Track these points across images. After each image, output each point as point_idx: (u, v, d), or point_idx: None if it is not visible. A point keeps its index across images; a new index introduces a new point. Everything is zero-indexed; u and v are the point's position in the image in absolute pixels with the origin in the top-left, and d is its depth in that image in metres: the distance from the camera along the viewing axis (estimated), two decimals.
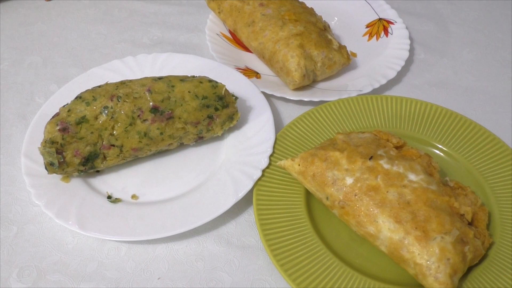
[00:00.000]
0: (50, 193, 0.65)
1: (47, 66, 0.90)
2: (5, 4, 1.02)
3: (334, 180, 0.63)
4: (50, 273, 0.62)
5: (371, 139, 0.68)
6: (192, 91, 0.68)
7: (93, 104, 0.65)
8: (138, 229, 0.62)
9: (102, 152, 0.66)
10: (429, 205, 0.59)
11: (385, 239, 0.59)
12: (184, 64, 0.83)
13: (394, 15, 0.96)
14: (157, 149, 0.69)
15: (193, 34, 0.97)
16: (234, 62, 0.87)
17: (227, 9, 0.91)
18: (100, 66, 0.82)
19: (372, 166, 0.63)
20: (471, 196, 0.64)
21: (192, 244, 0.65)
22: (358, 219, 0.61)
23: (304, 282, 0.58)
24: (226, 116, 0.71)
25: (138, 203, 0.67)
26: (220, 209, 0.64)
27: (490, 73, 0.91)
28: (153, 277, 0.62)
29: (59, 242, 0.65)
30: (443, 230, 0.57)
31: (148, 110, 0.66)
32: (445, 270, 0.56)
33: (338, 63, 0.84)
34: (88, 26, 0.98)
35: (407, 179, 0.62)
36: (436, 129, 0.75)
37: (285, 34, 0.82)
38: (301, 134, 0.74)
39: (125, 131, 0.65)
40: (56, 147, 0.63)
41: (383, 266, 0.62)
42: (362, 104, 0.78)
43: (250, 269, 0.63)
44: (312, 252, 0.61)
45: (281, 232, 0.63)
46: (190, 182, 0.70)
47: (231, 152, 0.72)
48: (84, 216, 0.63)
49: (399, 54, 0.88)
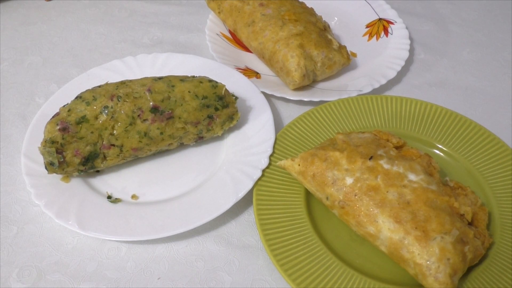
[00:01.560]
0: (50, 193, 0.65)
1: (47, 66, 0.90)
2: (5, 4, 1.02)
3: (334, 180, 0.63)
4: (50, 273, 0.62)
5: (371, 139, 0.68)
6: (192, 91, 0.68)
7: (93, 104, 0.65)
8: (138, 229, 0.62)
9: (102, 152, 0.66)
10: (429, 205, 0.59)
11: (385, 239, 0.59)
12: (184, 64, 0.82)
13: (394, 15, 0.96)
14: (157, 149, 0.69)
15: (193, 34, 0.97)
16: (234, 62, 0.87)
17: (227, 9, 0.91)
18: (100, 66, 0.82)
19: (372, 166, 0.63)
20: (471, 196, 0.64)
21: (192, 244, 0.65)
22: (358, 219, 0.61)
23: (304, 282, 0.58)
24: (226, 116, 0.71)
25: (138, 203, 0.67)
26: (220, 209, 0.64)
27: (490, 73, 0.91)
28: (153, 277, 0.62)
29: (59, 242, 0.65)
30: (443, 230, 0.57)
31: (148, 110, 0.66)
32: (445, 270, 0.56)
33: (338, 63, 0.84)
34: (88, 26, 0.98)
35: (407, 179, 0.62)
36: (436, 129, 0.75)
37: (285, 34, 0.82)
38: (301, 134, 0.74)
39: (125, 131, 0.65)
40: (56, 147, 0.63)
41: (383, 266, 0.62)
42: (362, 104, 0.78)
43: (250, 269, 0.63)
44: (312, 252, 0.61)
45: (281, 232, 0.63)
46: (190, 182, 0.70)
47: (231, 152, 0.72)
48: (84, 216, 0.63)
49: (399, 54, 0.88)
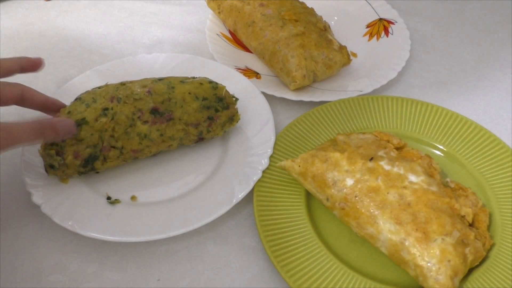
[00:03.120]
0: (50, 194, 0.65)
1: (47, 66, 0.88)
2: (5, 4, 1.02)
3: (334, 181, 0.63)
4: (51, 274, 0.62)
5: (372, 140, 0.68)
6: (192, 92, 0.68)
7: (93, 105, 0.65)
8: (138, 230, 0.62)
9: (102, 154, 0.65)
10: (430, 207, 0.59)
11: (386, 241, 0.59)
12: (184, 65, 0.82)
13: (394, 15, 0.96)
14: (157, 151, 0.69)
15: (193, 34, 0.97)
16: (234, 62, 0.87)
17: (227, 9, 0.91)
18: (100, 66, 0.82)
19: (372, 167, 0.63)
20: (471, 197, 0.64)
21: (192, 245, 0.65)
22: (359, 220, 0.61)
23: (305, 283, 0.58)
24: (227, 117, 0.71)
25: (138, 204, 0.66)
26: (220, 210, 0.64)
27: (490, 73, 0.91)
28: (153, 278, 0.62)
29: (59, 243, 0.65)
30: (444, 231, 0.57)
31: (148, 112, 0.66)
32: (446, 271, 0.55)
33: (338, 63, 0.83)
34: (88, 26, 0.98)
35: (407, 181, 0.62)
36: (437, 130, 0.75)
37: (285, 34, 0.82)
38: (302, 135, 0.74)
39: (125, 133, 0.65)
40: (56, 149, 0.63)
41: (383, 268, 0.62)
42: (362, 104, 0.78)
43: (251, 270, 0.63)
44: (312, 253, 0.61)
45: (282, 233, 0.63)
46: (190, 183, 0.70)
47: (231, 153, 0.72)
48: (83, 217, 0.63)
49: (399, 54, 0.88)
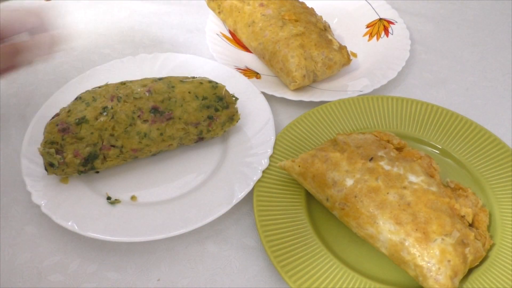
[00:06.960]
0: (50, 194, 0.65)
1: (47, 66, 0.89)
2: (5, 4, 1.02)
3: (334, 182, 0.63)
4: (51, 274, 0.62)
5: (372, 140, 0.68)
6: (192, 92, 0.68)
7: (93, 104, 0.65)
8: (138, 230, 0.62)
9: (102, 153, 0.65)
10: (430, 207, 0.59)
11: (386, 241, 0.59)
12: (184, 64, 0.82)
13: (394, 15, 0.96)
14: (157, 150, 0.69)
15: (193, 34, 0.97)
16: (234, 62, 0.87)
17: (227, 9, 0.91)
18: (100, 66, 0.82)
19: (372, 168, 0.63)
20: (471, 197, 0.64)
21: (192, 245, 0.65)
22: (359, 220, 0.61)
23: (305, 283, 0.58)
24: (226, 116, 0.71)
25: (138, 204, 0.66)
26: (220, 210, 0.64)
27: (490, 73, 0.91)
28: (153, 278, 0.62)
29: (59, 243, 0.65)
30: (444, 231, 0.57)
31: (148, 111, 0.66)
32: (446, 272, 0.55)
33: (338, 63, 0.83)
34: (88, 26, 0.98)
35: (407, 181, 0.62)
36: (437, 130, 0.75)
37: (285, 34, 0.82)
38: (302, 135, 0.74)
39: (125, 132, 0.65)
40: (56, 148, 0.63)
41: (383, 268, 0.62)
42: (362, 104, 0.78)
43: (250, 270, 0.63)
44: (312, 253, 0.61)
45: (282, 233, 0.63)
46: (190, 183, 0.70)
47: (231, 153, 0.72)
48: (83, 217, 0.63)
49: (399, 54, 0.88)
